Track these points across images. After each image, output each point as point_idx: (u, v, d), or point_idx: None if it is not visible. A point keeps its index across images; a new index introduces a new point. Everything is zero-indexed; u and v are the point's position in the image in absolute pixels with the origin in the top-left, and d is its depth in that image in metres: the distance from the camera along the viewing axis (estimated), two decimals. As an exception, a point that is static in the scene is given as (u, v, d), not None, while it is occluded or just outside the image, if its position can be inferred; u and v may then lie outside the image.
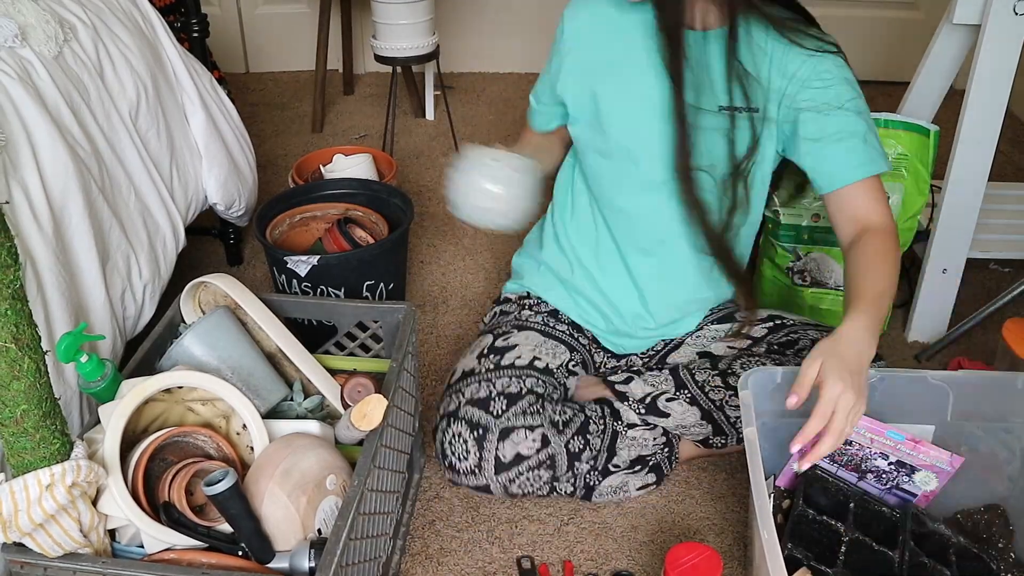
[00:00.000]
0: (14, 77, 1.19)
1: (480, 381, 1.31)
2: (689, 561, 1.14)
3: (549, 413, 1.29)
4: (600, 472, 1.31)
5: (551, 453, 1.26)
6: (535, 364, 1.35)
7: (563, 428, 1.28)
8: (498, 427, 1.25)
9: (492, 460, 1.24)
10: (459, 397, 1.30)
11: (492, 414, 1.26)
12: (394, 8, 2.16)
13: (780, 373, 1.20)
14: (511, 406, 1.27)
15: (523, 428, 1.25)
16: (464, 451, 1.25)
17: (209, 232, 1.94)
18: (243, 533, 0.97)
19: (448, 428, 1.27)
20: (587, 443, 1.29)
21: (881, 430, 1.18)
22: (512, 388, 1.29)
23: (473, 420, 1.26)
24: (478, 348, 1.39)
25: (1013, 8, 1.43)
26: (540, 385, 1.32)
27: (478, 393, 1.29)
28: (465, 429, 1.26)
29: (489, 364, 1.34)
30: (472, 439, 1.25)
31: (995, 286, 1.87)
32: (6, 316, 0.80)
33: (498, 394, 1.28)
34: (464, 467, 1.26)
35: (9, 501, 0.86)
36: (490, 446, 1.24)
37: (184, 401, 1.11)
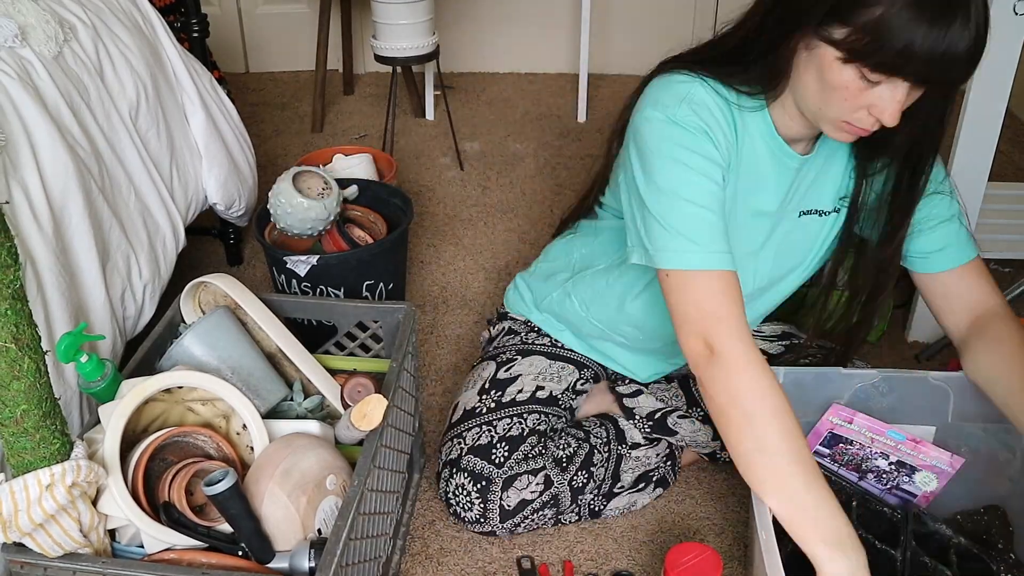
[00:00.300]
0: (14, 77, 1.19)
1: (481, 425, 1.29)
2: (689, 561, 1.14)
3: (552, 451, 1.28)
4: (604, 496, 1.30)
5: (554, 493, 1.26)
6: (537, 395, 1.32)
7: (567, 465, 1.27)
8: (501, 478, 1.24)
9: (497, 510, 1.24)
10: (460, 444, 1.28)
11: (494, 463, 1.24)
12: (394, 8, 2.16)
13: (782, 373, 1.20)
14: (513, 452, 1.25)
15: (526, 473, 1.24)
16: (468, 503, 1.24)
17: (209, 232, 1.94)
18: (243, 533, 0.97)
19: (451, 478, 1.26)
20: (591, 476, 1.28)
21: (882, 430, 1.18)
22: (513, 431, 1.27)
23: (476, 472, 1.24)
24: (480, 381, 1.36)
25: (1013, 8, 1.43)
26: (543, 421, 1.30)
27: (479, 439, 1.27)
28: (468, 481, 1.24)
29: (490, 402, 1.32)
30: (476, 491, 1.24)
31: (995, 286, 1.87)
32: (6, 316, 0.79)
33: (499, 440, 1.26)
34: (469, 517, 1.25)
35: (9, 501, 0.86)
36: (494, 497, 1.24)
37: (184, 401, 1.11)
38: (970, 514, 1.23)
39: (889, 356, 1.69)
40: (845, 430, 1.20)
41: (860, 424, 1.18)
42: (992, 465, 1.23)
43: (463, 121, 2.68)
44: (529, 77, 3.01)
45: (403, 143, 2.56)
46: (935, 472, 1.19)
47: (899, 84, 0.95)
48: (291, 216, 1.58)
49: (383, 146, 2.46)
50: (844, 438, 1.20)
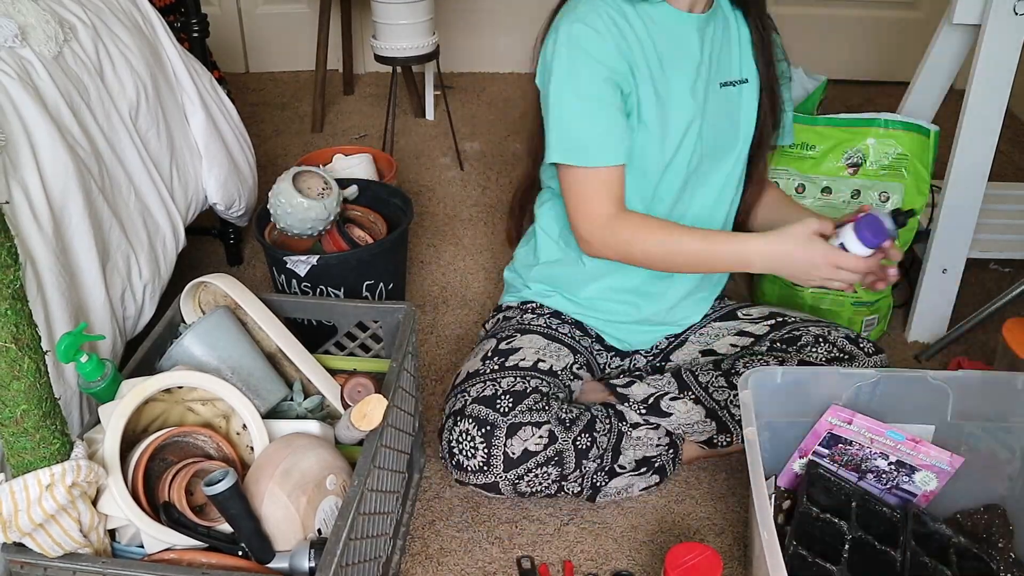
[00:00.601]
0: (14, 77, 1.19)
1: (485, 381, 1.31)
2: (689, 561, 1.14)
3: (556, 410, 1.29)
4: (607, 473, 1.31)
5: (559, 449, 1.26)
6: (539, 366, 1.34)
7: (570, 425, 1.28)
8: (505, 423, 1.24)
9: (501, 457, 1.24)
10: (465, 396, 1.29)
11: (499, 411, 1.25)
12: (394, 8, 2.16)
13: (780, 373, 1.20)
14: (518, 403, 1.26)
15: (530, 424, 1.25)
16: (472, 448, 1.25)
17: (209, 232, 1.94)
18: (243, 533, 0.97)
19: (455, 426, 1.27)
20: (594, 441, 1.29)
21: (881, 430, 1.18)
22: (518, 387, 1.29)
23: (480, 417, 1.25)
24: (482, 351, 1.39)
25: (1013, 8, 1.43)
26: (545, 385, 1.32)
27: (484, 392, 1.28)
28: (472, 426, 1.25)
29: (494, 365, 1.34)
30: (480, 436, 1.24)
31: (995, 286, 1.87)
32: (6, 316, 0.80)
33: (504, 392, 1.28)
34: (472, 465, 1.25)
35: (9, 501, 0.86)
36: (498, 442, 1.24)
37: (184, 401, 1.11)
38: (970, 513, 1.23)
39: (889, 356, 1.69)
40: (844, 430, 1.20)
41: (859, 424, 1.18)
42: (992, 464, 1.23)
43: (463, 121, 2.68)
44: (529, 77, 2.99)
45: (403, 143, 2.56)
46: (935, 472, 1.20)
47: None
48: (291, 216, 1.58)
49: (383, 146, 2.46)
50: (843, 438, 1.20)
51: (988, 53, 1.46)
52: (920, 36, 1.96)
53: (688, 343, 1.46)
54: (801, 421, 1.22)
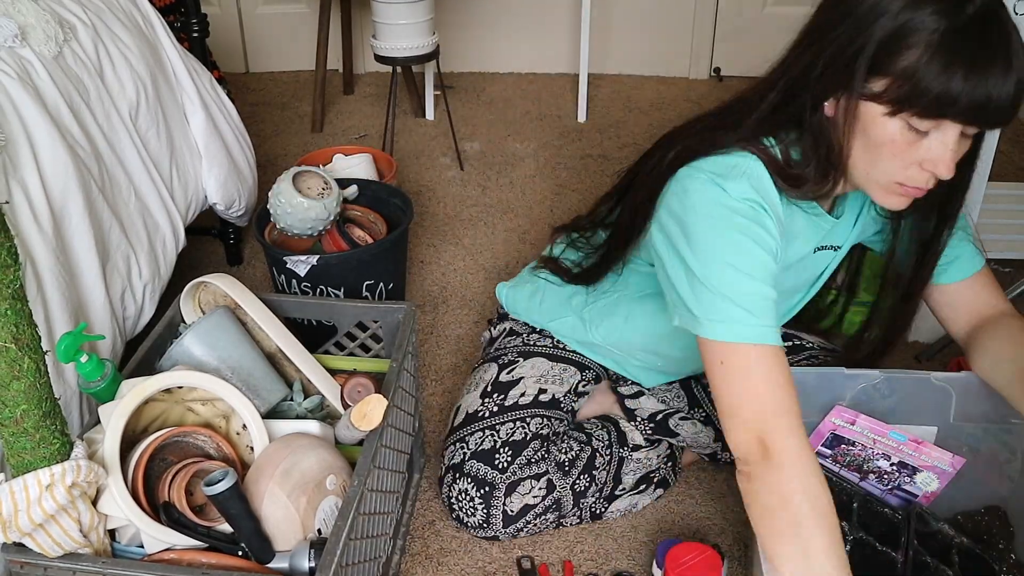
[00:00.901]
0: (14, 77, 1.19)
1: (484, 429, 1.28)
2: (689, 561, 1.14)
3: (554, 454, 1.27)
4: (606, 499, 1.30)
5: (557, 498, 1.26)
6: (540, 399, 1.32)
7: (569, 469, 1.27)
8: (504, 483, 1.24)
9: (500, 515, 1.24)
10: (464, 448, 1.27)
11: (497, 468, 1.24)
12: (394, 8, 2.16)
13: None
14: (516, 457, 1.25)
15: (529, 479, 1.24)
16: (471, 508, 1.24)
17: (209, 232, 1.94)
18: (243, 533, 0.97)
19: (454, 483, 1.26)
20: (592, 479, 1.28)
21: (883, 431, 1.18)
22: (516, 435, 1.27)
23: (479, 477, 1.24)
24: (482, 383, 1.35)
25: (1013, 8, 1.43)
26: (546, 425, 1.29)
27: (482, 444, 1.27)
28: (471, 486, 1.24)
29: (492, 406, 1.31)
30: (479, 497, 1.24)
31: (995, 286, 1.87)
32: (6, 316, 0.79)
33: (502, 444, 1.26)
34: (472, 522, 1.25)
35: (9, 501, 0.86)
36: (497, 503, 1.23)
37: (184, 401, 1.11)
38: (971, 514, 1.23)
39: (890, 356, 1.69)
40: (847, 431, 1.20)
41: (862, 425, 1.18)
42: (993, 465, 1.23)
43: (463, 121, 2.68)
44: (529, 77, 3.01)
45: (403, 143, 2.56)
46: (936, 473, 1.19)
47: (948, 129, 0.91)
48: (291, 216, 1.58)
49: (383, 146, 2.46)
50: (846, 439, 1.20)
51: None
52: (920, 36, 1.96)
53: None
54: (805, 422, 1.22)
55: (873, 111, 0.93)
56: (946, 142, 0.92)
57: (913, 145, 0.93)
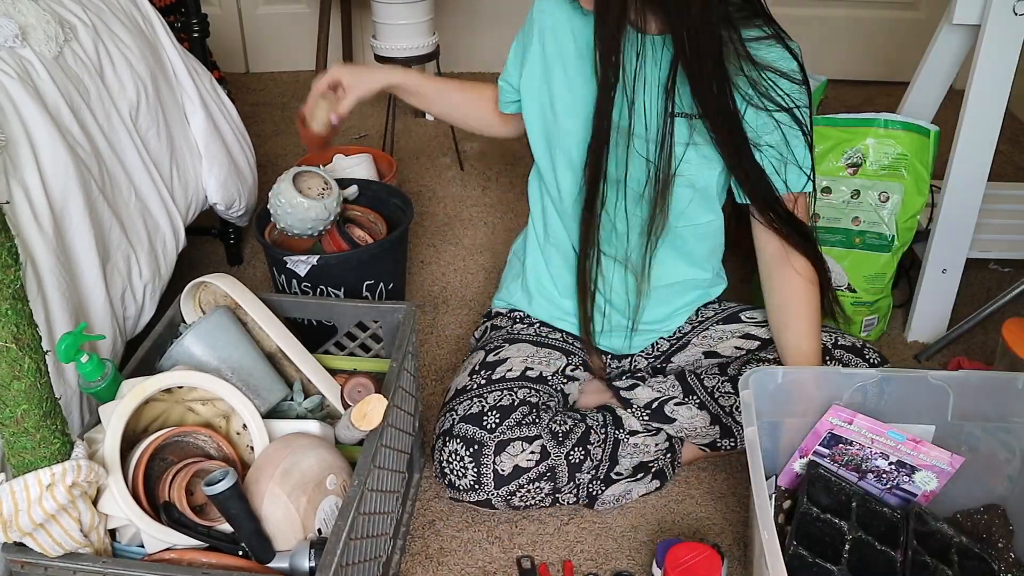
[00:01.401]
0: (14, 77, 1.19)
1: (472, 397, 1.30)
2: (689, 561, 1.14)
3: (547, 423, 1.28)
4: (603, 481, 1.30)
5: (551, 465, 1.26)
6: (527, 374, 1.34)
7: (563, 439, 1.28)
8: (493, 440, 1.24)
9: (491, 475, 1.24)
10: (452, 415, 1.29)
11: (486, 428, 1.25)
12: (394, 8, 2.16)
13: (781, 373, 1.20)
14: (505, 418, 1.26)
15: (519, 440, 1.25)
16: (462, 468, 1.25)
17: (209, 232, 1.94)
18: (243, 533, 0.97)
19: (444, 447, 1.27)
20: (588, 453, 1.28)
21: (881, 430, 1.18)
22: (504, 401, 1.28)
23: (467, 436, 1.25)
24: (470, 365, 1.39)
25: (1013, 8, 1.43)
26: (534, 395, 1.31)
27: (471, 409, 1.28)
28: (460, 446, 1.25)
29: (480, 380, 1.33)
30: (468, 455, 1.24)
31: (995, 286, 1.87)
32: (6, 316, 0.80)
33: (490, 408, 1.27)
34: (463, 484, 1.25)
35: (9, 501, 0.86)
36: (487, 460, 1.24)
37: (184, 401, 1.11)
38: (970, 513, 1.23)
39: (889, 356, 1.69)
40: (845, 431, 1.20)
41: (860, 424, 1.18)
42: (992, 465, 1.23)
43: (463, 121, 2.68)
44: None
45: (403, 143, 2.56)
46: (935, 472, 1.20)
47: None
48: (291, 216, 1.58)
49: (383, 146, 2.46)
50: (844, 439, 1.20)
51: (988, 53, 1.46)
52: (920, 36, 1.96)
53: (691, 345, 1.44)
54: (802, 421, 1.22)
55: None
56: None
57: None
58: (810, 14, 2.82)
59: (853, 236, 1.63)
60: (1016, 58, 1.47)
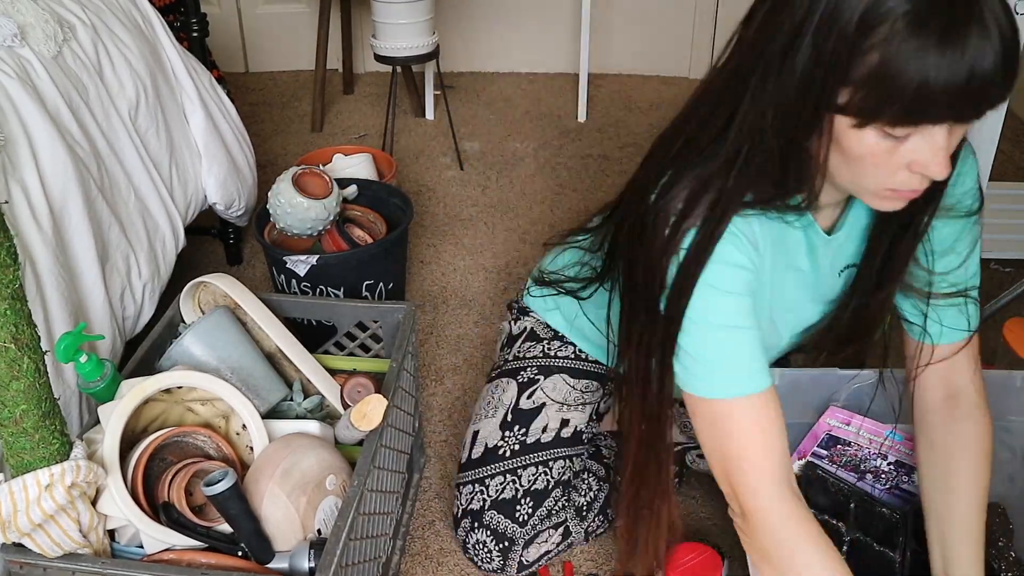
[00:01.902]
0: (13, 77, 1.19)
1: (505, 473, 1.24)
2: (689, 561, 1.14)
3: (575, 500, 1.26)
4: (611, 521, 1.30)
5: (571, 542, 1.26)
6: (562, 435, 1.27)
7: (586, 513, 1.26)
8: (523, 538, 1.22)
9: (515, 564, 1.23)
10: (483, 495, 1.24)
11: (518, 522, 1.22)
12: (394, 8, 2.16)
13: (778, 374, 1.20)
14: (537, 508, 1.23)
15: (549, 529, 1.24)
16: (488, 557, 1.23)
17: (209, 232, 1.94)
18: (243, 533, 0.97)
19: (472, 532, 1.23)
20: (606, 518, 1.28)
21: (880, 431, 1.18)
22: (539, 484, 1.24)
23: (499, 531, 1.22)
24: (501, 407, 1.29)
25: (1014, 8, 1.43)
26: (568, 468, 1.26)
27: (503, 492, 1.23)
28: (490, 539, 1.22)
29: (514, 443, 1.26)
30: (497, 550, 1.22)
31: (995, 286, 1.87)
32: (6, 316, 0.79)
33: (524, 494, 1.23)
34: (488, 568, 1.24)
35: (8, 501, 0.86)
36: (515, 556, 1.22)
37: (184, 401, 1.11)
38: None
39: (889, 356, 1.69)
40: (843, 431, 1.20)
41: (857, 425, 1.18)
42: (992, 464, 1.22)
43: (463, 121, 2.68)
44: (529, 77, 3.01)
45: (403, 143, 2.56)
46: None
47: (933, 129, 0.78)
48: (291, 216, 1.58)
49: (383, 146, 2.46)
50: (842, 439, 1.20)
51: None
52: (920, 36, 1.96)
53: None
54: (800, 422, 1.22)
55: (841, 124, 0.80)
56: (934, 141, 0.79)
57: (895, 151, 0.80)
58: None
59: None
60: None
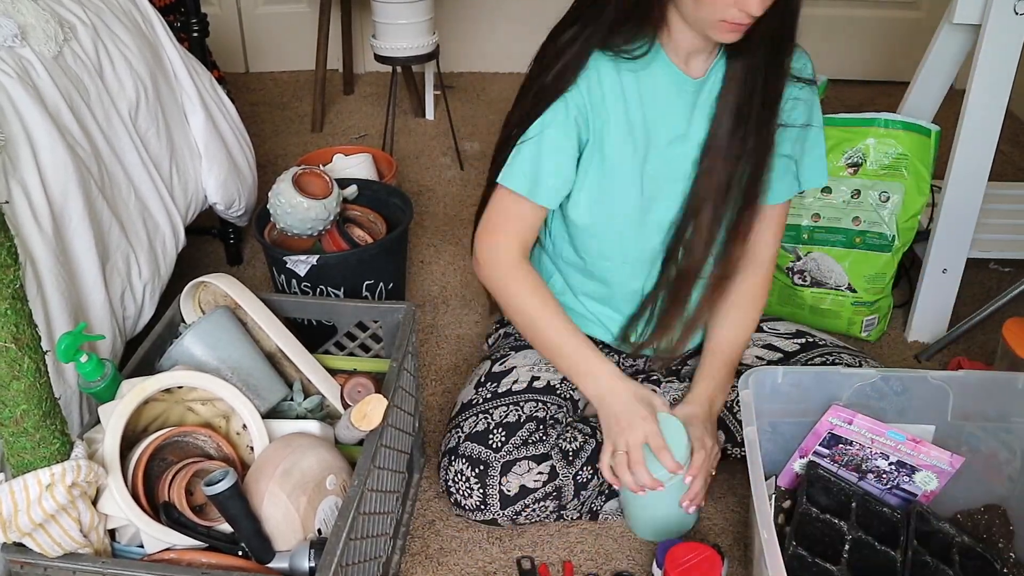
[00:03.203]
0: (14, 77, 1.19)
1: (477, 413, 1.29)
2: (689, 561, 1.14)
3: (555, 440, 1.27)
4: (606, 496, 1.30)
5: (558, 485, 1.26)
6: (534, 385, 1.32)
7: (572, 459, 1.27)
8: (499, 462, 1.23)
9: (496, 496, 1.23)
10: (459, 432, 1.28)
11: (492, 448, 1.24)
12: (394, 8, 2.16)
13: (781, 372, 1.20)
14: (511, 437, 1.25)
15: (526, 459, 1.24)
16: (467, 488, 1.24)
17: (209, 232, 1.94)
18: (243, 533, 0.97)
19: (450, 466, 1.26)
20: (596, 472, 1.28)
21: (882, 430, 1.18)
22: (510, 417, 1.27)
23: (473, 456, 1.24)
24: (476, 377, 1.37)
25: (1013, 8, 1.43)
26: (541, 408, 1.29)
27: (476, 427, 1.27)
28: (466, 466, 1.24)
29: (486, 393, 1.32)
30: (474, 476, 1.23)
31: (995, 286, 1.87)
32: (6, 316, 0.79)
33: (496, 425, 1.26)
34: (469, 504, 1.25)
35: (9, 501, 0.86)
36: (492, 482, 1.23)
37: (184, 401, 1.11)
38: (970, 513, 1.23)
39: (889, 356, 1.69)
40: (844, 431, 1.20)
41: (860, 425, 1.18)
42: (992, 465, 1.23)
43: (463, 121, 2.68)
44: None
45: (403, 143, 2.56)
46: (935, 472, 1.20)
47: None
48: (291, 216, 1.58)
49: (383, 146, 2.46)
50: (844, 439, 1.20)
51: (988, 53, 1.46)
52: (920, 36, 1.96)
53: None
54: (802, 421, 1.22)
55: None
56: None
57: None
58: (810, 14, 2.81)
59: (854, 236, 1.63)
60: (1017, 58, 1.46)
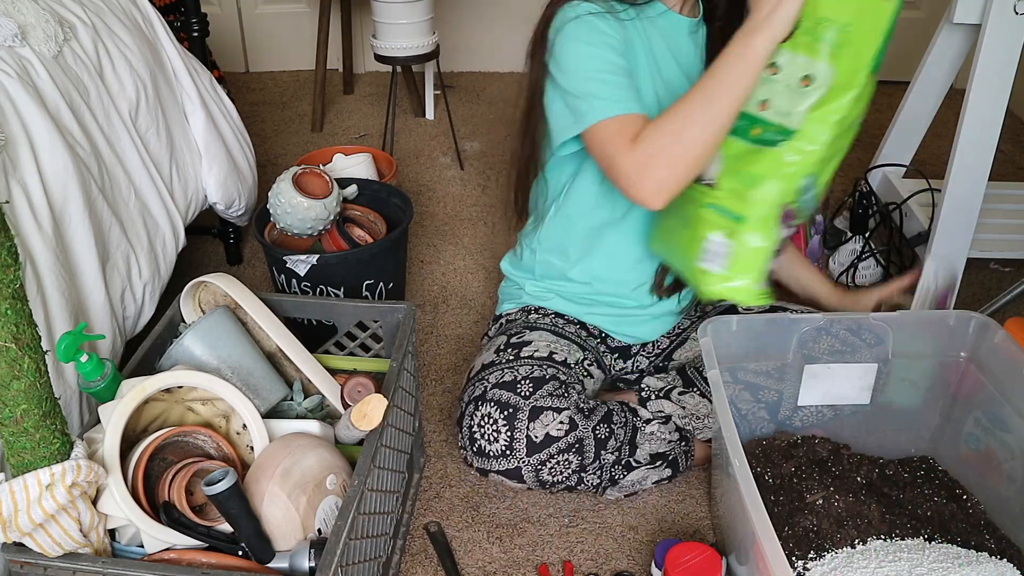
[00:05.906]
0: (14, 76, 1.19)
1: (503, 369, 1.30)
2: (689, 561, 1.14)
3: (575, 398, 1.28)
4: (624, 467, 1.30)
5: (579, 436, 1.25)
6: (554, 357, 1.34)
7: (589, 414, 1.28)
8: (528, 405, 1.24)
9: (524, 440, 1.23)
10: (484, 383, 1.29)
11: (520, 395, 1.25)
12: (394, 7, 2.16)
13: (735, 320, 1.28)
14: (538, 388, 1.26)
15: (551, 409, 1.24)
16: (495, 432, 1.23)
17: (209, 232, 1.94)
18: (243, 533, 0.97)
19: (476, 411, 1.26)
20: (612, 432, 1.28)
21: None
22: (536, 373, 1.29)
23: (502, 400, 1.25)
24: (494, 346, 1.38)
25: (1013, 8, 1.43)
26: (563, 374, 1.32)
27: (503, 377, 1.28)
28: (495, 409, 1.24)
29: (509, 356, 1.34)
30: (502, 418, 1.23)
31: (995, 286, 1.87)
32: (6, 316, 0.79)
33: (523, 378, 1.27)
34: (495, 449, 1.24)
35: (9, 501, 0.86)
36: (521, 425, 1.23)
37: (184, 401, 1.11)
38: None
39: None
40: None
41: None
42: (993, 465, 1.23)
43: (463, 121, 2.68)
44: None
45: (403, 143, 2.56)
46: None
47: None
48: (291, 216, 1.58)
49: (383, 146, 2.46)
50: None
51: (988, 53, 1.46)
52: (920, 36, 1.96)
53: (690, 340, 1.47)
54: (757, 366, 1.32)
55: None
56: None
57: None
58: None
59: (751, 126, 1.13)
60: (1016, 58, 1.47)
